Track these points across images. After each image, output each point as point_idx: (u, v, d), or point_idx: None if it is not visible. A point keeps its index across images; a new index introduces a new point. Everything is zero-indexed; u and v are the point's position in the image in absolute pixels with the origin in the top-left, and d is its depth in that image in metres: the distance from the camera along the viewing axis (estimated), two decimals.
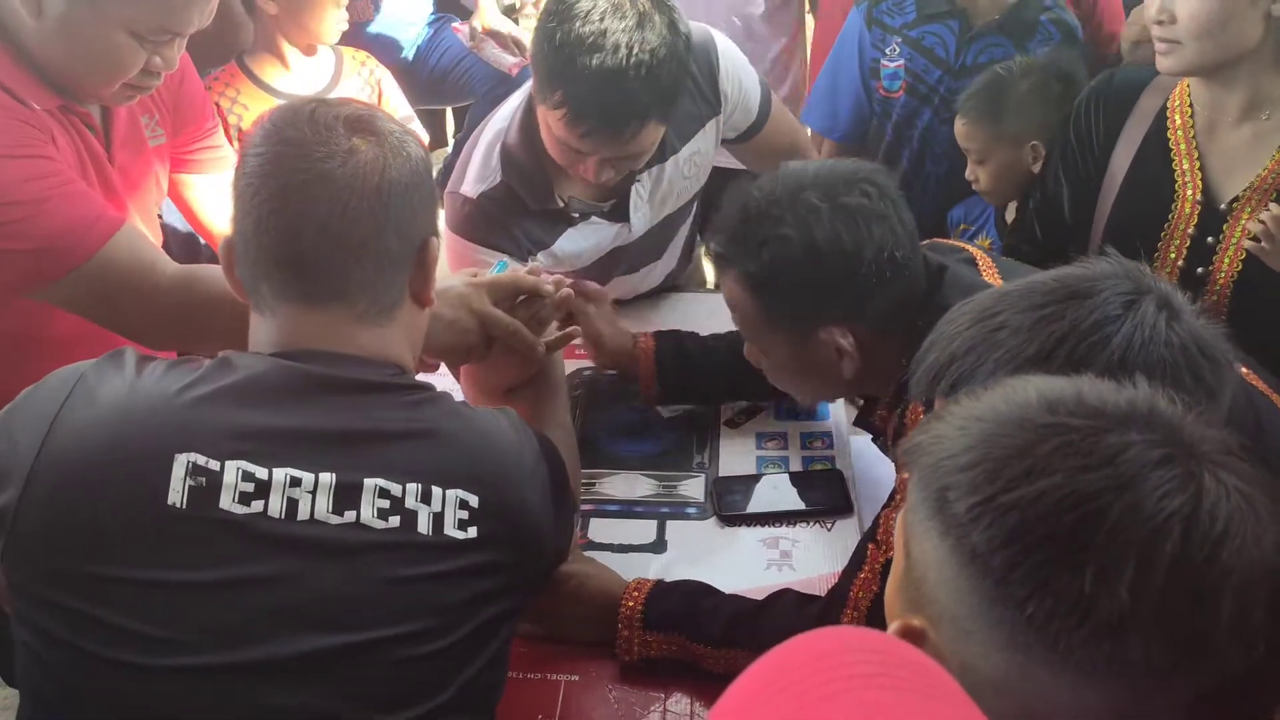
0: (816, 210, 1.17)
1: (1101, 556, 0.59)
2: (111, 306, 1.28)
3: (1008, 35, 2.01)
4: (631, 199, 1.67)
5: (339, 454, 0.95)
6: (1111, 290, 0.87)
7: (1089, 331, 0.85)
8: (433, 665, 0.95)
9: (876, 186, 1.19)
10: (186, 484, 0.91)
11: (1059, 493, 0.60)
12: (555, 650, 1.24)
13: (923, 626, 0.66)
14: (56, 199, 1.23)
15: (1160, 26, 1.47)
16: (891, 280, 1.17)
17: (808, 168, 1.23)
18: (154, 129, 1.47)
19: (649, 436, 1.59)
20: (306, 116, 1.00)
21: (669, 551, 1.39)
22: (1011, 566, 0.61)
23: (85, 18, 1.22)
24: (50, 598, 0.91)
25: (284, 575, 0.92)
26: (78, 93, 1.30)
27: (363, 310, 1.01)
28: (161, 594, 0.90)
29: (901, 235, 1.18)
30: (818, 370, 1.24)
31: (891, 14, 2.06)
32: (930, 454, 0.67)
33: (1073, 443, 0.62)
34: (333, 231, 0.98)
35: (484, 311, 1.27)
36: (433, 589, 0.96)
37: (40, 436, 0.93)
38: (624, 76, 1.39)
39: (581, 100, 1.41)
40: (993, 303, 0.90)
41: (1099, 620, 0.59)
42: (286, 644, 0.91)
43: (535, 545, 1.05)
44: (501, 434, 1.05)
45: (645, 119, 1.44)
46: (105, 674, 0.90)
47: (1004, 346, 0.87)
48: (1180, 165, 1.58)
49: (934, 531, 0.65)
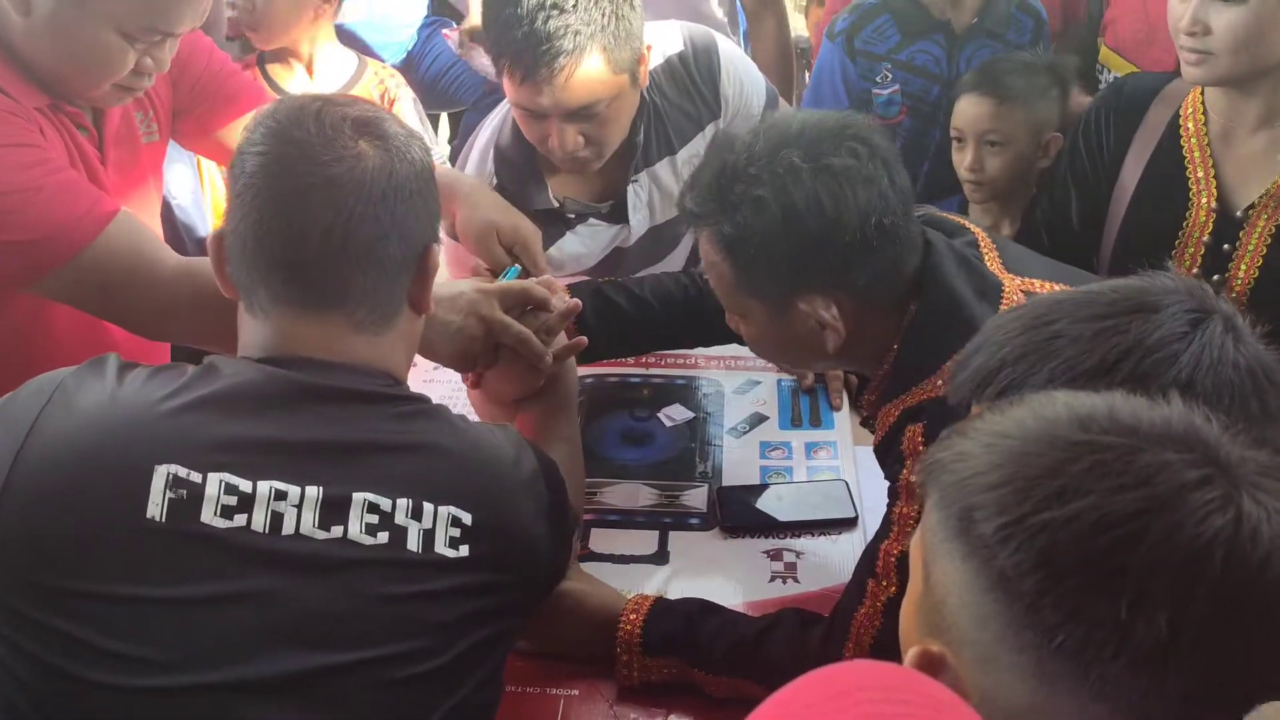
0: (796, 171, 1.07)
1: (1139, 582, 0.56)
2: (111, 297, 1.24)
3: (991, 34, 2.00)
4: (629, 199, 1.65)
5: (327, 466, 0.92)
6: (1178, 307, 0.83)
7: (1155, 348, 0.81)
8: (421, 687, 0.92)
9: (867, 145, 1.09)
10: (166, 496, 0.88)
11: (1093, 514, 0.57)
12: (554, 665, 1.21)
13: (942, 652, 0.63)
14: (49, 187, 1.20)
15: (1192, 38, 1.45)
16: (879, 249, 1.08)
17: (794, 119, 1.13)
18: (148, 126, 1.44)
19: (651, 445, 1.56)
20: (313, 116, 0.97)
21: (671, 562, 1.36)
22: (1042, 591, 0.58)
23: (74, 17, 1.19)
24: (24, 613, 0.87)
25: (267, 592, 0.88)
26: (67, 93, 1.28)
27: (361, 319, 0.99)
28: (139, 611, 0.87)
29: (893, 200, 1.08)
30: (798, 341, 1.16)
31: (873, 41, 2.02)
32: (954, 472, 0.63)
33: (1107, 462, 0.59)
34: (337, 238, 0.95)
35: (493, 318, 1.25)
36: (422, 608, 0.93)
37: (16, 446, 0.89)
38: (541, 13, 1.40)
39: (513, 42, 1.43)
40: (1046, 310, 0.86)
41: (1136, 651, 0.56)
42: (269, 663, 0.87)
43: (529, 566, 1.02)
44: (498, 449, 1.02)
45: (579, 52, 1.43)
46: (81, 694, 0.86)
47: (1060, 356, 0.82)
48: (1195, 173, 1.56)
49: (957, 553, 0.62)
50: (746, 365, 1.71)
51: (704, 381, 1.69)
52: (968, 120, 1.84)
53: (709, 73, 1.65)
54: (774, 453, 1.54)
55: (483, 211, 1.46)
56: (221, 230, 1.00)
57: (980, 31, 2.00)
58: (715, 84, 1.65)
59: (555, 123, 1.49)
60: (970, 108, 1.84)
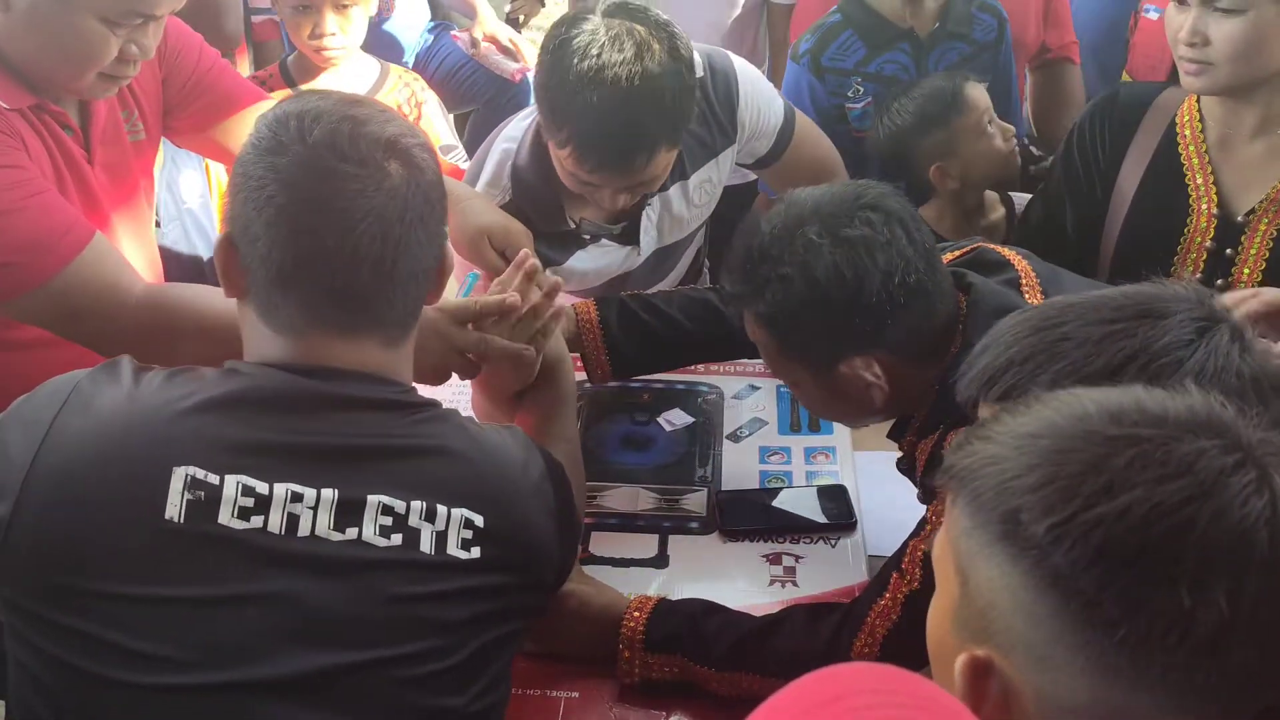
0: (815, 247, 1.14)
1: (1196, 568, 0.57)
2: (76, 323, 1.26)
3: (954, 36, 2.02)
4: (643, 223, 1.66)
5: (342, 469, 0.93)
6: (1186, 314, 0.85)
7: (1161, 353, 0.83)
8: (434, 686, 0.93)
9: (881, 211, 1.15)
10: (185, 498, 0.89)
11: (1143, 506, 0.58)
12: (555, 666, 1.21)
13: (989, 656, 0.63)
14: (24, 210, 1.20)
15: (1192, 49, 1.45)
16: (907, 306, 1.13)
17: (809, 198, 1.20)
18: (134, 125, 1.43)
19: (651, 449, 1.56)
20: (347, 140, 0.95)
21: (671, 566, 1.37)
22: (1102, 586, 0.58)
23: (53, 6, 1.20)
24: (43, 613, 0.88)
25: (283, 593, 0.89)
26: (52, 88, 1.28)
27: (394, 336, 1.00)
28: (157, 610, 0.88)
29: (913, 257, 1.14)
30: (848, 400, 1.22)
31: (840, 58, 2.03)
32: (986, 476, 0.64)
33: (1147, 453, 0.60)
34: (386, 268, 0.96)
35: (450, 335, 1.25)
36: (434, 609, 0.94)
37: (34, 447, 0.90)
38: (627, 110, 1.37)
39: (587, 137, 1.40)
40: (1056, 313, 0.88)
41: (1200, 635, 0.57)
42: (285, 663, 0.88)
43: (539, 567, 1.03)
44: (509, 453, 1.03)
45: (654, 149, 1.42)
46: (98, 692, 0.87)
47: (1067, 358, 0.84)
48: (1194, 180, 1.57)
49: (1003, 556, 0.62)
50: (746, 371, 1.72)
51: (704, 386, 1.69)
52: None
53: (727, 99, 1.64)
54: (773, 457, 1.55)
55: (474, 217, 1.48)
56: (230, 235, 0.98)
57: (944, 35, 2.02)
58: (733, 110, 1.65)
59: (610, 191, 1.48)
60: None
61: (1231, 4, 1.41)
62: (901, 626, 1.11)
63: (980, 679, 0.63)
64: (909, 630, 1.06)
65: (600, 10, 1.42)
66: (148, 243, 1.53)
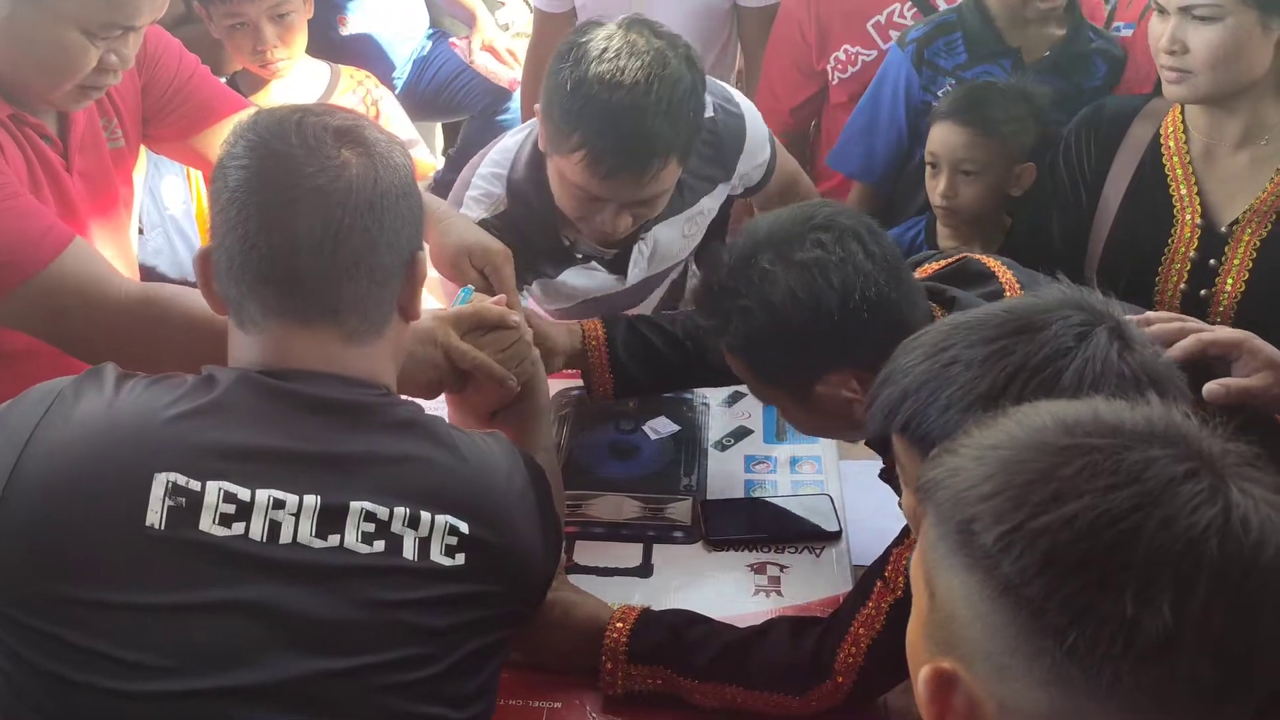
0: (769, 275, 1.15)
1: (1141, 575, 0.57)
2: (62, 324, 1.24)
3: (1060, 72, 1.96)
4: (633, 255, 1.65)
5: (324, 475, 0.93)
6: (1063, 323, 0.87)
7: (1040, 367, 0.85)
8: (418, 693, 0.93)
9: (833, 230, 1.15)
10: (166, 504, 0.88)
11: (1090, 514, 0.58)
12: (538, 676, 1.20)
13: (954, 669, 0.63)
14: (5, 213, 1.19)
15: (1172, 56, 1.46)
16: (871, 319, 1.13)
17: (762, 226, 1.20)
18: (113, 132, 1.43)
19: (636, 458, 1.56)
20: (294, 127, 0.97)
21: (655, 576, 1.36)
22: (1048, 594, 0.58)
23: (31, 17, 1.19)
24: (25, 620, 0.88)
25: (265, 599, 0.89)
26: (30, 99, 1.27)
27: (353, 329, 0.99)
28: (139, 617, 0.87)
29: (871, 271, 1.14)
30: (831, 417, 1.22)
31: (943, 55, 2.00)
32: (947, 488, 0.64)
33: (1096, 462, 0.60)
34: (327, 249, 0.95)
35: (450, 345, 1.24)
36: (417, 615, 0.93)
37: (15, 455, 0.90)
38: (645, 112, 1.36)
39: (602, 138, 1.38)
40: (943, 337, 0.90)
41: (1144, 644, 0.57)
42: (267, 669, 0.88)
43: (525, 575, 1.03)
44: (493, 460, 1.03)
45: (668, 156, 1.41)
46: (80, 699, 0.87)
47: (956, 383, 0.87)
48: (1178, 190, 1.58)
49: (960, 566, 0.62)
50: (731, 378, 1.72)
51: (689, 394, 1.68)
52: (944, 148, 1.84)
53: (734, 145, 1.65)
54: (759, 466, 1.54)
55: (454, 236, 1.47)
56: (207, 248, 1.00)
57: (1049, 66, 1.96)
58: (736, 156, 1.66)
59: (613, 208, 1.46)
60: (947, 135, 1.84)
61: (1208, 12, 1.42)
62: (886, 636, 1.10)
63: (943, 691, 0.63)
64: (894, 640, 1.06)
65: (614, 24, 1.42)
66: (126, 250, 1.52)
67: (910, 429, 0.91)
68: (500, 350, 1.28)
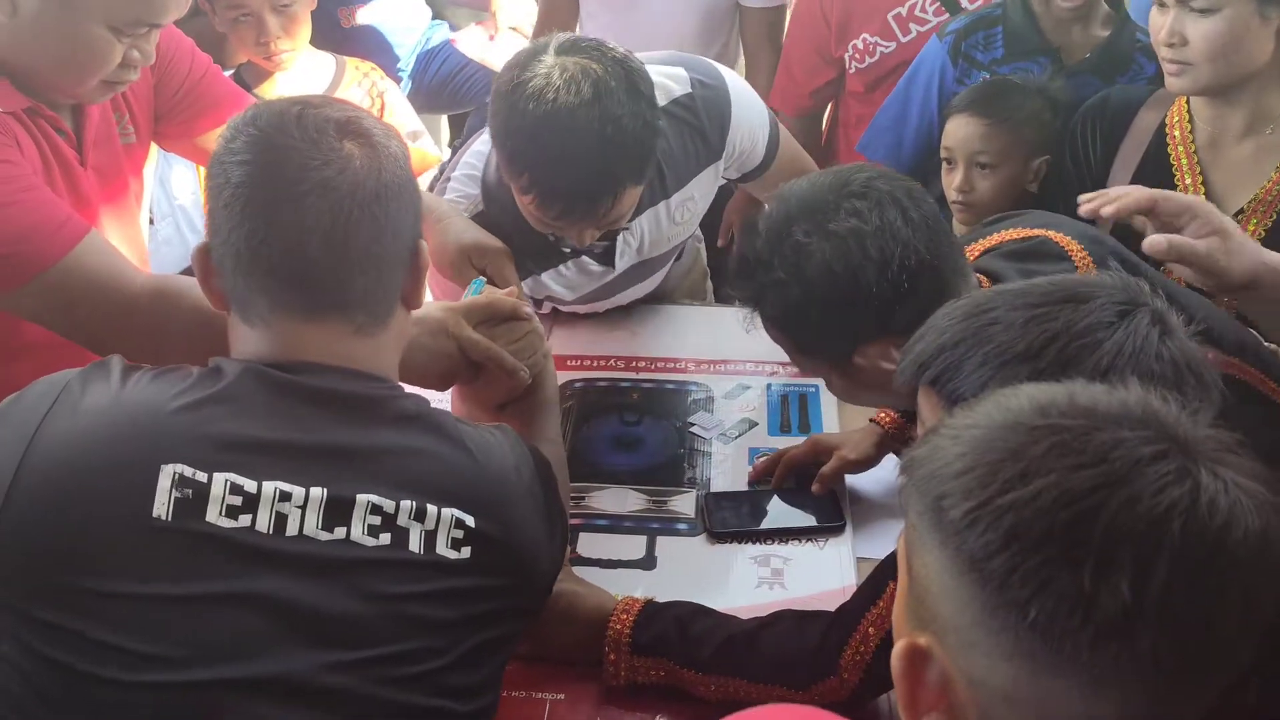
0: (803, 247, 1.12)
1: (1099, 552, 0.58)
2: (76, 316, 1.24)
3: (1100, 74, 1.90)
4: (618, 246, 1.64)
5: (331, 468, 0.93)
6: (1108, 299, 0.88)
7: (1081, 334, 0.86)
8: (423, 686, 0.93)
9: (869, 198, 1.12)
10: (172, 495, 0.89)
11: (1053, 491, 0.60)
12: (541, 668, 1.20)
13: (928, 645, 0.64)
14: (19, 203, 1.20)
15: (1171, 49, 1.46)
16: (913, 288, 1.10)
17: (795, 194, 1.16)
18: (125, 128, 1.43)
19: (639, 450, 1.56)
20: (294, 121, 0.97)
21: (658, 568, 1.36)
22: (1010, 570, 0.59)
23: (61, 15, 1.20)
24: (32, 611, 0.88)
25: (271, 592, 0.89)
26: (50, 93, 1.28)
27: (361, 321, 0.99)
28: (145, 608, 0.88)
29: (911, 239, 1.10)
30: (875, 388, 1.20)
31: (980, 49, 1.96)
32: (924, 465, 0.66)
33: (1065, 442, 0.61)
34: (337, 242, 0.95)
35: (462, 336, 1.24)
36: (422, 608, 0.93)
37: (22, 447, 0.90)
38: (588, 155, 1.33)
39: (549, 185, 1.36)
40: (987, 299, 0.91)
41: (1102, 619, 0.58)
42: (273, 661, 0.88)
43: (531, 570, 1.03)
44: (500, 453, 1.03)
45: (618, 192, 1.38)
46: (87, 689, 0.87)
47: (993, 341, 0.87)
48: (1183, 180, 1.57)
49: (932, 543, 0.64)
50: (736, 370, 1.72)
51: (693, 386, 1.69)
52: (959, 141, 1.82)
53: (718, 117, 1.60)
54: (762, 458, 1.54)
55: (454, 236, 1.47)
56: (206, 244, 1.00)
57: (1089, 67, 1.90)
58: (723, 130, 1.61)
59: (577, 231, 1.45)
60: (962, 128, 1.82)
61: (1206, 3, 1.42)
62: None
63: (916, 666, 0.65)
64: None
65: (554, 48, 1.36)
66: (137, 242, 1.53)
67: (941, 382, 0.90)
68: (512, 342, 1.28)
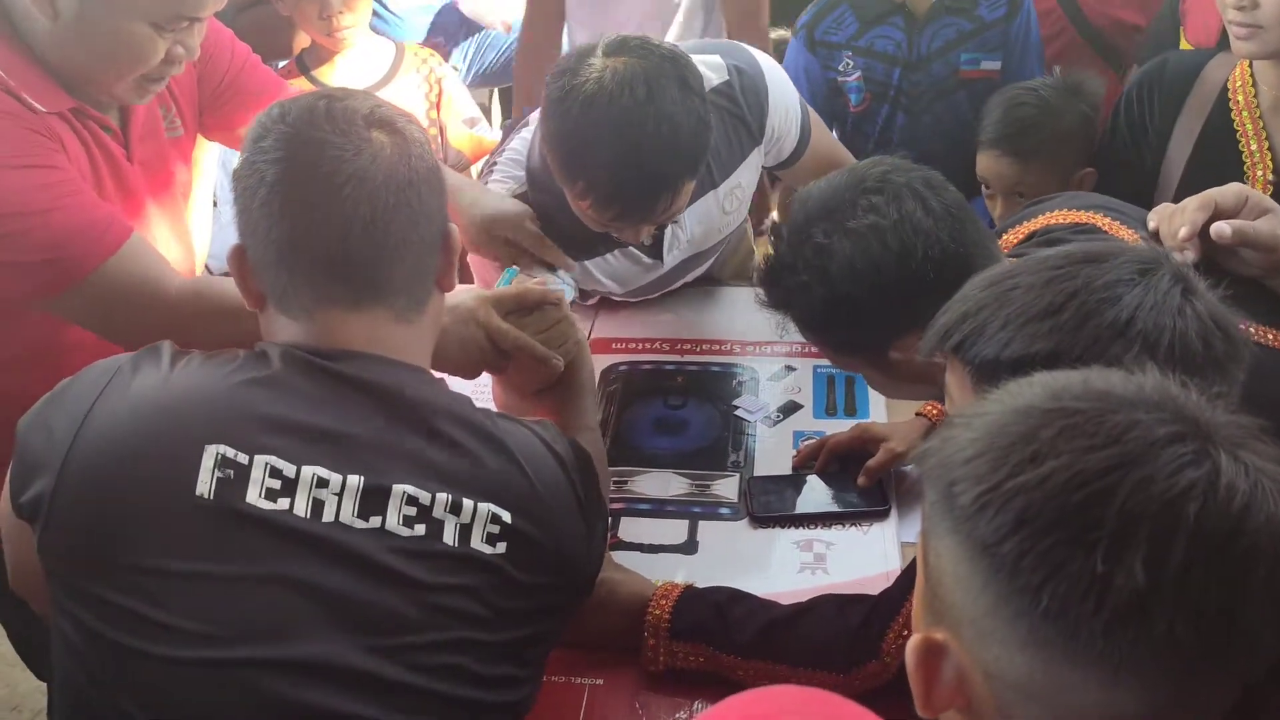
0: (824, 249, 1.12)
1: (1113, 534, 0.56)
2: (117, 319, 1.27)
3: (953, 11, 1.94)
4: (666, 240, 1.63)
5: (368, 457, 0.94)
6: (1128, 258, 0.87)
7: (1100, 289, 0.85)
8: (456, 676, 0.94)
9: (884, 191, 1.12)
10: (215, 475, 0.91)
11: (1065, 473, 0.58)
12: (581, 653, 1.20)
13: (944, 639, 0.63)
14: (62, 209, 1.22)
15: (1241, 11, 1.42)
16: (939, 278, 1.09)
17: (811, 196, 1.16)
18: (171, 121, 1.46)
19: (683, 434, 1.55)
20: (324, 114, 0.98)
21: (700, 552, 1.35)
22: (1022, 554, 0.58)
23: (102, 14, 1.22)
24: (83, 587, 0.91)
25: (305, 575, 0.91)
26: (95, 92, 1.30)
27: (401, 308, 1.00)
28: (190, 585, 0.90)
29: (932, 229, 1.10)
30: (916, 379, 1.19)
31: (832, 31, 1.99)
32: (937, 453, 0.64)
33: (1077, 425, 0.60)
34: (377, 231, 0.96)
35: (491, 325, 1.24)
36: (456, 600, 0.94)
37: (75, 427, 0.93)
38: (645, 158, 1.32)
39: (606, 189, 1.36)
40: (1008, 270, 0.90)
41: (1117, 602, 0.56)
42: (305, 645, 0.90)
43: (567, 570, 1.03)
44: (539, 450, 1.03)
45: (676, 189, 1.38)
46: (135, 665, 0.89)
47: (1015, 303, 0.86)
48: (1248, 145, 1.52)
49: (945, 531, 0.62)
50: (782, 352, 1.69)
51: (739, 369, 1.67)
52: (993, 175, 1.79)
53: (757, 103, 1.59)
54: (807, 442, 1.51)
55: (478, 209, 1.48)
56: (241, 245, 1.01)
57: (942, 10, 1.94)
58: (763, 114, 1.60)
59: (632, 231, 1.45)
60: (993, 164, 1.78)
61: None
62: None
63: (930, 660, 0.63)
64: None
65: (602, 49, 1.35)
66: (183, 234, 1.56)
67: (964, 348, 0.89)
68: (542, 330, 1.28)
